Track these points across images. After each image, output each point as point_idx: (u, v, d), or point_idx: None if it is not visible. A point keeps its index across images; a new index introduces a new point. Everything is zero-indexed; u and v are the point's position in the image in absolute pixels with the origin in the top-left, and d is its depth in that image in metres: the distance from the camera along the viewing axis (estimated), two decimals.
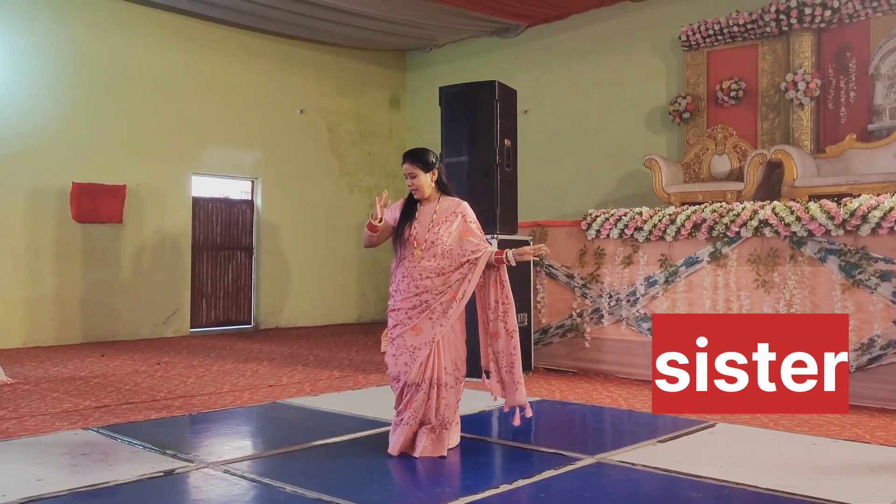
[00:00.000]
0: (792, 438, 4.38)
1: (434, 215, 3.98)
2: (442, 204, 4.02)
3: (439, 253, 3.91)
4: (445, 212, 3.99)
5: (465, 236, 3.96)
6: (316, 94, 11.93)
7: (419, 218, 3.99)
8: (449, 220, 3.97)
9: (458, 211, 4.01)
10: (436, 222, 3.96)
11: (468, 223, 4.01)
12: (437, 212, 3.99)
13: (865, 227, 5.28)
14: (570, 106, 10.84)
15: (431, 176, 4.01)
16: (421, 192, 4.00)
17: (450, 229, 3.95)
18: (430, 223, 3.96)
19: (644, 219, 6.41)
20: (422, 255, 3.91)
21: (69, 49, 9.49)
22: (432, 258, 3.90)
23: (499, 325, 3.99)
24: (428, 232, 3.94)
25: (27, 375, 6.72)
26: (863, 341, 5.31)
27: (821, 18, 8.33)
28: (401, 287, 3.93)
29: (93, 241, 9.52)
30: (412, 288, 3.89)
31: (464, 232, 3.98)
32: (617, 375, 6.55)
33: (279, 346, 8.96)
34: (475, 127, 6.64)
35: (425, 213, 3.99)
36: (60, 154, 9.30)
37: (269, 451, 4.20)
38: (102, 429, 4.59)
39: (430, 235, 3.92)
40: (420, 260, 3.90)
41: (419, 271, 3.89)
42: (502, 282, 4.02)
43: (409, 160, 4.00)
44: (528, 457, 4.01)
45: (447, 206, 4.02)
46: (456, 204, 4.05)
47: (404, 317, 3.90)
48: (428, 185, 4.00)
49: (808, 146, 8.44)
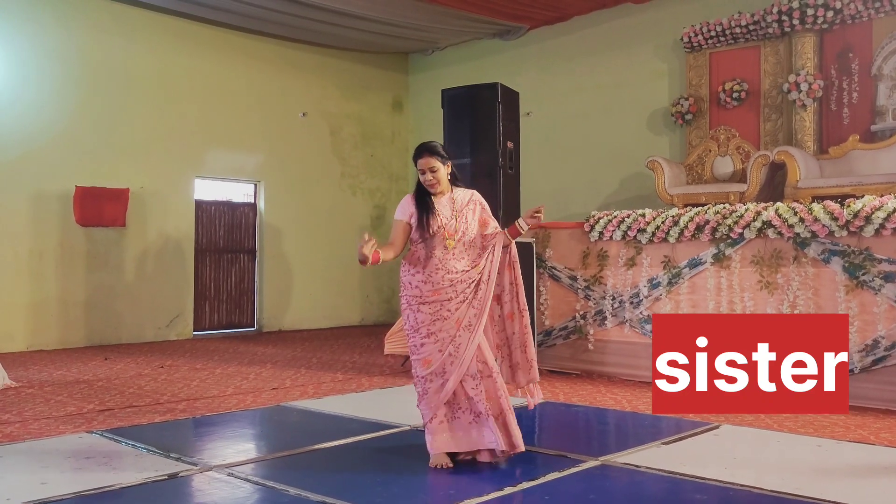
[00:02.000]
0: (796, 440, 4.38)
1: (454, 205, 3.97)
2: (456, 194, 4.02)
3: (468, 242, 3.94)
4: (463, 201, 4.00)
5: (486, 222, 4.01)
6: (318, 97, 11.94)
7: (440, 210, 3.94)
8: (469, 209, 3.99)
9: (474, 199, 4.04)
10: (457, 212, 3.95)
11: (486, 210, 4.06)
12: (456, 201, 3.99)
13: (869, 228, 5.28)
14: (572, 108, 10.84)
15: (447, 168, 4.00)
16: (440, 185, 3.97)
17: (473, 218, 3.99)
18: (453, 213, 3.95)
19: (647, 220, 6.40)
20: (454, 246, 3.90)
21: (72, 53, 9.51)
22: (462, 247, 3.92)
23: (514, 306, 4.03)
24: (455, 221, 3.93)
25: (31, 379, 6.73)
26: (867, 342, 5.30)
27: (823, 19, 8.33)
28: (433, 278, 3.85)
29: (96, 245, 9.54)
30: (447, 279, 3.84)
31: (483, 218, 4.02)
32: (620, 377, 6.54)
33: (282, 349, 8.96)
34: (477, 129, 6.64)
35: (445, 205, 3.96)
36: (64, 158, 9.32)
37: (273, 454, 4.20)
38: (106, 432, 4.59)
39: (459, 225, 3.92)
40: (453, 251, 3.90)
41: (452, 263, 3.87)
42: (514, 262, 4.05)
43: (428, 153, 3.95)
44: (533, 459, 4.01)
45: (462, 196, 4.02)
46: (470, 193, 4.07)
47: (445, 311, 3.82)
48: (445, 178, 3.99)
49: (811, 147, 8.44)
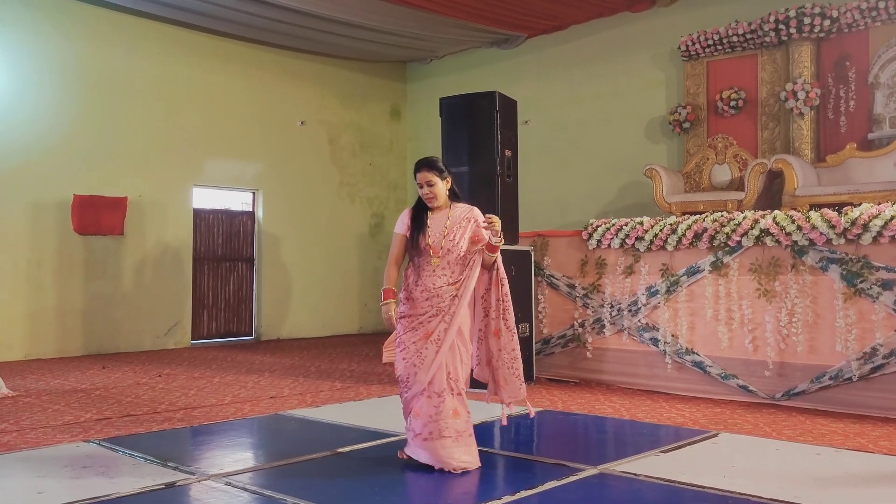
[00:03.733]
0: (795, 448, 4.37)
1: (448, 222, 3.96)
2: (454, 211, 4.00)
3: (453, 260, 3.90)
4: (458, 218, 3.97)
5: (478, 239, 3.97)
6: (317, 105, 11.96)
7: (432, 226, 3.95)
8: (463, 227, 3.95)
9: (470, 216, 3.99)
10: (450, 229, 3.93)
11: (480, 229, 3.98)
12: (451, 218, 3.97)
13: (867, 236, 5.28)
14: (570, 116, 10.86)
15: (446, 184, 4.00)
16: (437, 200, 3.98)
17: (464, 235, 3.95)
18: (444, 230, 3.93)
19: (645, 228, 6.41)
20: (438, 264, 3.89)
21: (71, 61, 9.53)
22: (447, 265, 3.89)
23: (500, 323, 3.99)
24: (444, 239, 3.91)
25: (28, 388, 6.71)
26: (865, 350, 5.30)
27: (820, 28, 8.36)
28: (414, 295, 3.91)
29: (94, 253, 9.53)
30: (424, 295, 3.87)
31: (475, 237, 3.97)
32: (619, 385, 6.53)
33: (280, 358, 8.95)
34: (476, 137, 6.65)
35: (438, 221, 3.97)
36: (62, 166, 9.33)
37: (271, 463, 4.19)
38: (104, 441, 4.58)
39: (445, 243, 3.90)
40: (436, 268, 3.89)
41: (433, 280, 3.87)
42: (502, 280, 4.01)
43: (426, 168, 3.97)
44: (531, 468, 4.00)
45: (460, 213, 4.00)
46: (468, 209, 4.03)
47: (417, 323, 3.87)
48: (443, 193, 3.99)
49: (809, 155, 8.45)
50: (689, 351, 6.13)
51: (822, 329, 5.50)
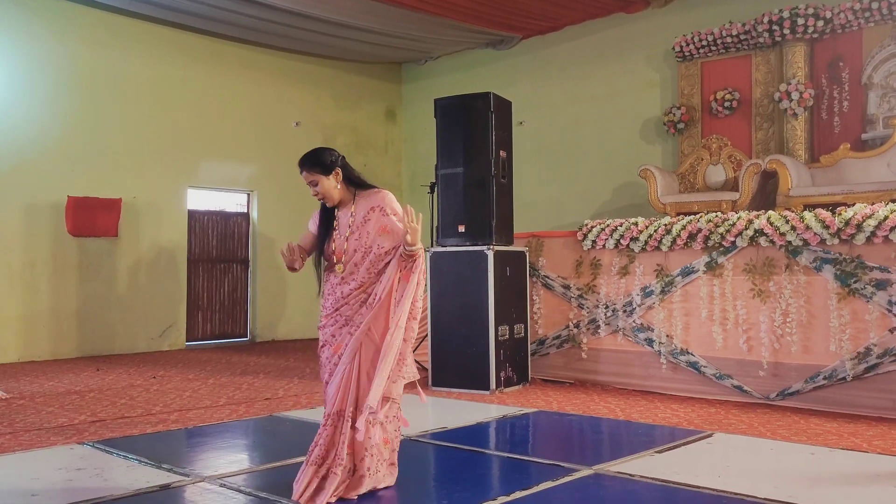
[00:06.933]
0: (789, 448, 4.38)
1: (351, 219, 3.52)
2: (358, 204, 3.53)
3: (360, 261, 3.47)
4: (362, 212, 3.51)
5: (382, 233, 3.47)
6: (312, 106, 11.95)
7: (338, 227, 3.53)
8: (367, 222, 3.49)
9: (375, 206, 3.50)
10: (353, 229, 3.50)
11: (387, 216, 3.49)
12: (354, 215, 3.52)
13: (860, 236, 5.30)
14: (565, 117, 10.88)
15: (335, 177, 3.50)
16: (331, 199, 3.53)
17: (368, 230, 3.48)
18: (348, 232, 3.50)
19: (640, 229, 6.41)
20: (343, 269, 3.49)
21: (66, 63, 9.51)
22: (354, 268, 3.48)
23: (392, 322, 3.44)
24: (346, 242, 3.49)
25: (22, 390, 6.69)
26: (859, 350, 5.31)
27: (813, 29, 8.39)
28: (325, 304, 3.55)
29: (88, 255, 9.51)
30: (333, 306, 3.51)
31: (381, 228, 3.48)
32: (614, 386, 6.54)
33: (275, 359, 8.93)
34: (470, 138, 6.66)
35: (343, 221, 3.53)
36: (56, 168, 9.31)
37: (266, 464, 4.18)
38: (98, 443, 4.57)
39: (348, 245, 3.48)
40: (342, 274, 3.49)
41: (342, 288, 3.48)
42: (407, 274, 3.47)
43: (305, 167, 3.48)
44: (526, 468, 4.00)
45: (363, 205, 3.52)
46: (372, 199, 3.54)
47: (328, 335, 3.51)
48: (334, 189, 3.51)
49: (803, 156, 8.48)
50: (684, 351, 6.14)
51: (817, 329, 5.51)
